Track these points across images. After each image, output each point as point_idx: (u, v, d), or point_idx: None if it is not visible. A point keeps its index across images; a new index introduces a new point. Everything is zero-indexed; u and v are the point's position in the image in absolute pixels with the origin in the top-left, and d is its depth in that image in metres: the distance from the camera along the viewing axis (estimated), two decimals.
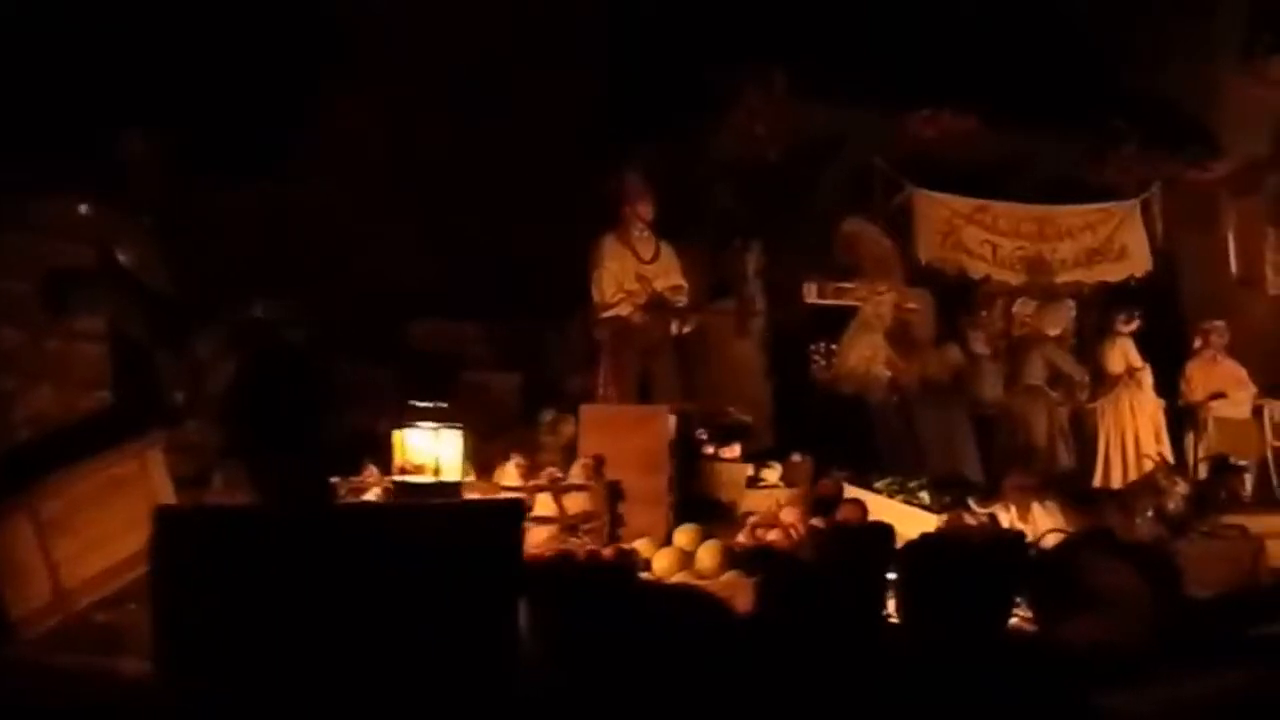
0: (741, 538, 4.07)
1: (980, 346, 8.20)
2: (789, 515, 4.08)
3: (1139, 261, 9.83)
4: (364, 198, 8.15)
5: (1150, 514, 5.71)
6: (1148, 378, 8.57)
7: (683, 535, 3.66)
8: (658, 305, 7.07)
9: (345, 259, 7.99)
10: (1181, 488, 5.83)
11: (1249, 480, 7.76)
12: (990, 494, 5.75)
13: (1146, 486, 5.98)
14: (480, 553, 2.71)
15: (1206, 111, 9.94)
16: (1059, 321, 8.74)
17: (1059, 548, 4.05)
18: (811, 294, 9.18)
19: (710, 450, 6.03)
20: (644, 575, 3.51)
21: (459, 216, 8.22)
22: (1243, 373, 8.98)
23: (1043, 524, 5.25)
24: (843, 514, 3.98)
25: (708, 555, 3.46)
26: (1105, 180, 9.60)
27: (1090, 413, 8.61)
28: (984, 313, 9.68)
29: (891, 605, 4.00)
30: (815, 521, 3.94)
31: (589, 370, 7.35)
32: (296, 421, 4.68)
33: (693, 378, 8.69)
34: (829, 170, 8.92)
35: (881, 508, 5.64)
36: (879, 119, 8.73)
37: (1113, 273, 9.78)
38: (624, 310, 7.03)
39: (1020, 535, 4.17)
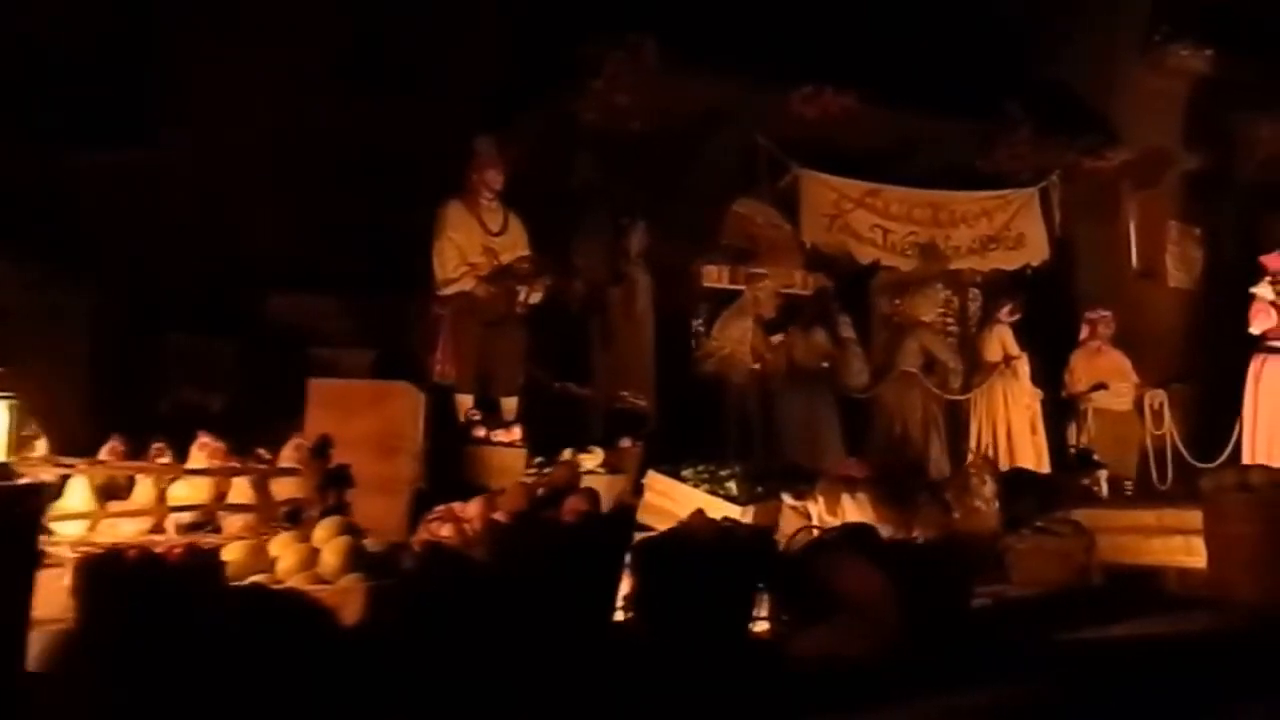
0: (421, 533, 3.49)
1: (848, 331, 7.61)
2: (471, 509, 3.50)
3: (1036, 250, 9.30)
4: (231, 167, 7.56)
5: (981, 506, 5.18)
6: (1024, 367, 8.03)
7: (321, 530, 3.09)
8: (502, 275, 6.47)
9: (205, 228, 7.44)
10: (990, 487, 5.29)
11: (1104, 476, 7.20)
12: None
13: (958, 482, 5.44)
14: None
15: (1105, 100, 9.42)
16: (932, 307, 8.18)
17: (806, 548, 3.50)
18: (723, 278, 8.61)
19: (481, 433, 5.44)
20: (259, 577, 2.93)
21: (329, 188, 7.63)
22: (1126, 364, 8.46)
23: (851, 517, 4.70)
24: (570, 505, 3.41)
25: (331, 554, 2.89)
26: (997, 167, 9.03)
27: (966, 402, 8.06)
28: (897, 301, 9.11)
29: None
30: (498, 516, 3.37)
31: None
32: None
33: (590, 361, 8.22)
34: (711, 148, 8.32)
35: (686, 498, 5.10)
36: (760, 96, 8.13)
37: (1009, 261, 9.25)
38: (467, 285, 6.44)
39: (766, 533, 3.61)
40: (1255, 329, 7.04)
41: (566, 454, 5.53)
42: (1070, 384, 8.39)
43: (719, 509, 4.89)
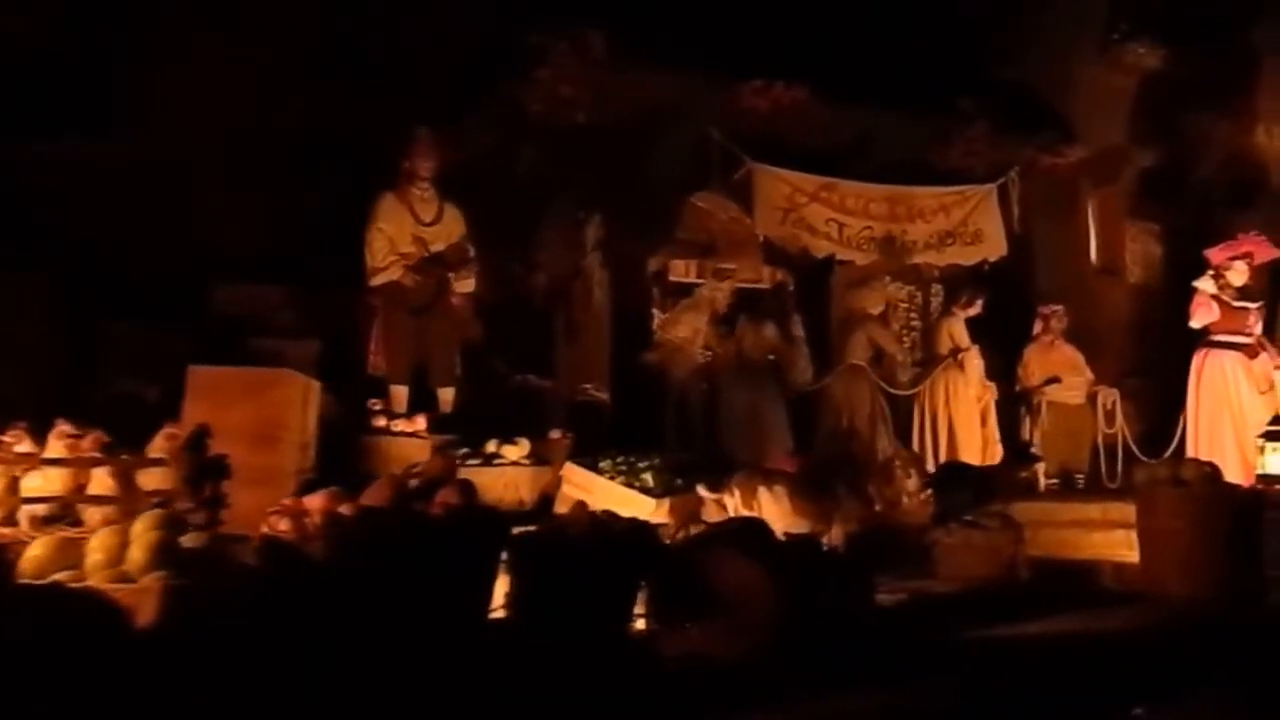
0: (262, 527, 3.24)
1: (798, 329, 7.36)
2: (315, 501, 3.24)
3: (994, 246, 9.06)
4: (182, 159, 7.31)
5: (904, 499, 4.93)
6: (973, 360, 7.76)
7: (138, 524, 2.81)
8: (431, 263, 6.23)
9: (154, 218, 7.21)
10: (914, 480, 5.04)
11: (1042, 469, 6.95)
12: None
13: (880, 475, 5.19)
14: None
15: (1063, 98, 9.16)
16: (880, 300, 7.93)
17: (687, 543, 3.25)
18: (690, 273, 8.35)
19: (382, 423, 5.19)
20: (64, 574, 2.67)
21: (279, 180, 7.39)
22: (1079, 358, 8.22)
23: (767, 511, 4.45)
24: (442, 497, 3.17)
25: (139, 550, 2.62)
26: (953, 163, 8.76)
27: (915, 395, 7.82)
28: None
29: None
30: (344, 509, 3.12)
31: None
32: None
33: (554, 354, 7.98)
34: (663, 141, 8.06)
35: (604, 491, 4.85)
36: (711, 90, 7.88)
37: (966, 256, 9.02)
38: (394, 275, 6.21)
39: (645, 527, 3.36)
40: (1196, 323, 6.80)
41: (491, 445, 5.28)
42: (1024, 378, 8.15)
43: (634, 501, 4.66)
